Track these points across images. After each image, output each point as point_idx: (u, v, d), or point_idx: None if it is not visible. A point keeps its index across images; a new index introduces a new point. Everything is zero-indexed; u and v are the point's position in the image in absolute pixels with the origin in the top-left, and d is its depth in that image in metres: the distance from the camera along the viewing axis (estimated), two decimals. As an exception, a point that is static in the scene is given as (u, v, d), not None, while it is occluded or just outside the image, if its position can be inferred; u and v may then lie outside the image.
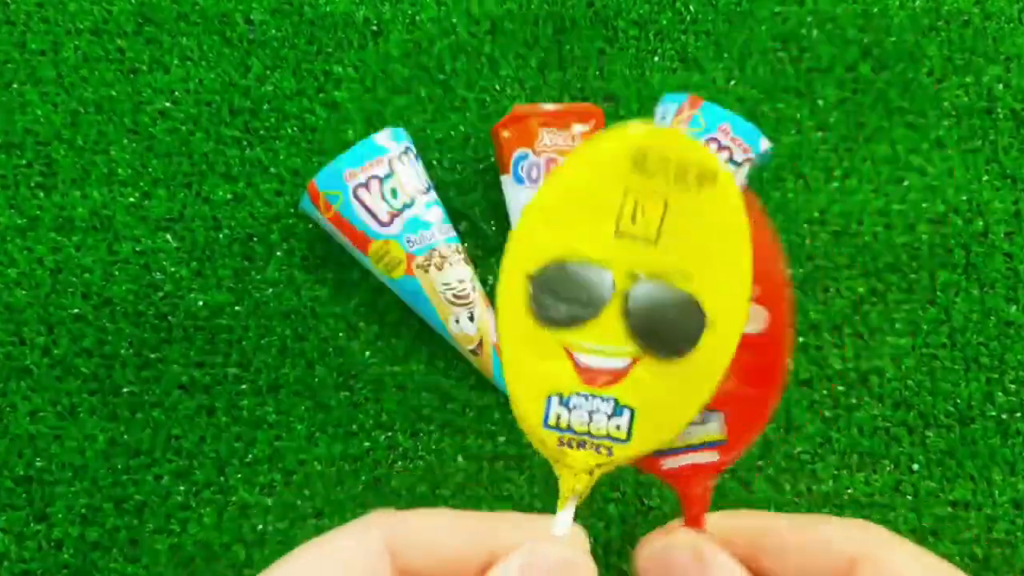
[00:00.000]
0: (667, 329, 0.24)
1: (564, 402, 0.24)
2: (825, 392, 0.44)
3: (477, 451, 0.43)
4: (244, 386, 0.44)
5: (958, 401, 0.44)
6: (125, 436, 0.43)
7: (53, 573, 0.42)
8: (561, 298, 0.24)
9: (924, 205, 0.45)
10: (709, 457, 0.25)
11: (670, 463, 0.25)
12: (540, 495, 0.43)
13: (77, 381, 0.44)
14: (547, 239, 0.24)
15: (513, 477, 0.43)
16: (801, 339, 0.44)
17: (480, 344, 0.43)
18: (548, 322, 0.24)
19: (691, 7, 0.48)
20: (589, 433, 0.24)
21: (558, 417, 0.24)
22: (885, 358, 0.44)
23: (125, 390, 0.44)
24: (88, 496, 0.43)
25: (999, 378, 0.44)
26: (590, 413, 0.24)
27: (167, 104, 0.47)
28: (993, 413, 0.43)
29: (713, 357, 0.23)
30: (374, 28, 0.48)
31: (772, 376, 0.24)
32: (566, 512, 0.25)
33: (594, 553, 0.42)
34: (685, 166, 0.23)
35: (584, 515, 0.42)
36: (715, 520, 0.26)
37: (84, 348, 0.44)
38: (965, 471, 0.43)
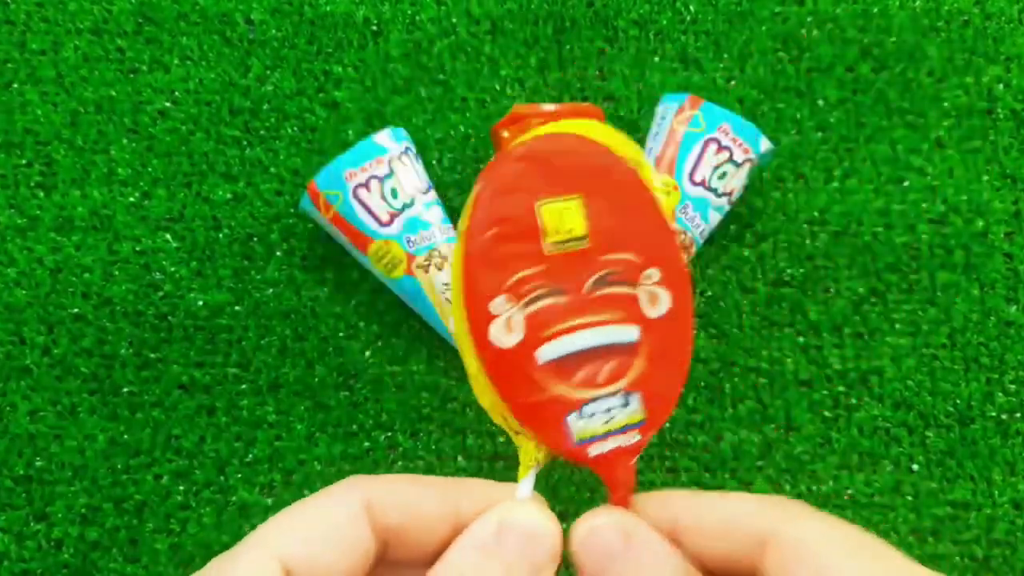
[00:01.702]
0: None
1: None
2: (825, 392, 0.44)
3: (477, 451, 0.43)
4: (244, 386, 0.44)
5: (958, 401, 0.44)
6: (125, 436, 0.43)
7: (53, 573, 0.42)
8: None
9: (924, 205, 0.45)
10: (631, 439, 0.26)
11: (596, 449, 0.26)
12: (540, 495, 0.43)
13: (77, 381, 0.44)
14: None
15: (513, 477, 0.43)
16: (801, 339, 0.44)
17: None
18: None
19: (691, 7, 0.48)
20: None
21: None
22: (885, 358, 0.44)
23: (125, 390, 0.44)
24: (88, 496, 0.43)
25: (999, 378, 0.44)
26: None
27: (167, 104, 0.47)
28: (993, 413, 0.43)
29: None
30: (374, 28, 0.48)
31: (680, 353, 0.26)
32: (528, 480, 0.27)
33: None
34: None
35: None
36: (641, 501, 0.27)
37: (84, 348, 0.44)
38: (965, 471, 0.43)
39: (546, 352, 0.26)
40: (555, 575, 0.26)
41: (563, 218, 0.26)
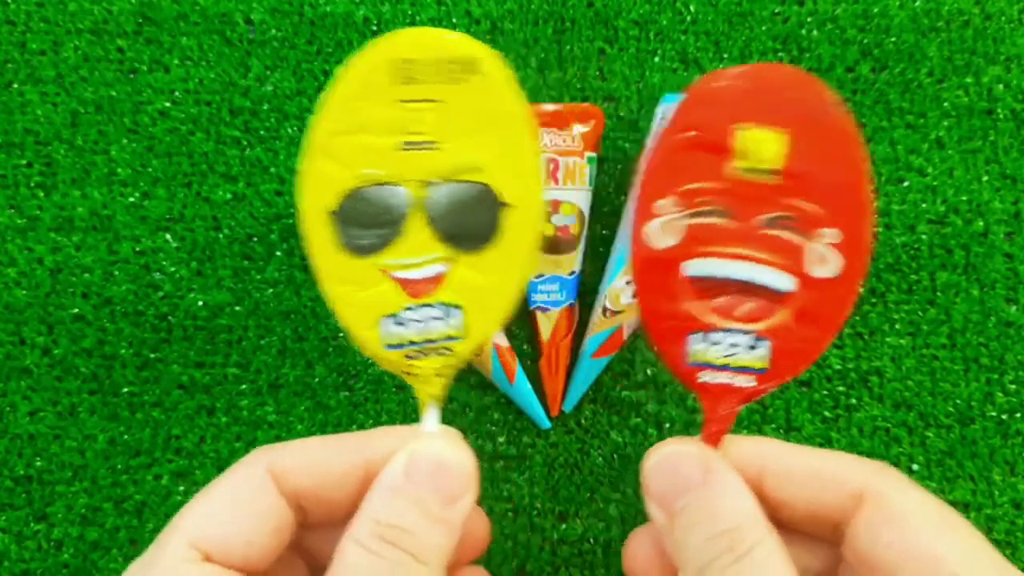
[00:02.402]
0: (469, 224, 0.25)
1: (397, 320, 0.25)
2: (825, 392, 0.44)
3: (477, 451, 0.43)
4: (244, 386, 0.44)
5: (958, 401, 0.44)
6: (125, 436, 0.43)
7: (53, 573, 0.42)
8: (364, 225, 0.25)
9: (924, 205, 0.45)
10: (746, 382, 0.25)
11: (707, 377, 0.26)
12: (540, 495, 0.43)
13: (77, 381, 0.44)
14: (335, 172, 0.25)
15: (513, 477, 0.43)
16: (801, 339, 0.44)
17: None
18: (360, 251, 0.25)
19: (691, 7, 0.48)
20: (428, 340, 0.25)
21: (395, 336, 0.25)
22: (885, 358, 0.44)
23: (125, 390, 0.44)
24: (88, 496, 0.43)
25: (999, 378, 0.44)
26: (423, 322, 0.25)
27: (167, 104, 0.47)
28: (993, 413, 0.43)
29: (519, 235, 0.25)
30: (374, 28, 0.48)
31: (830, 321, 0.25)
32: (430, 414, 0.26)
33: (594, 553, 0.42)
34: (447, 62, 0.24)
35: (584, 514, 0.42)
36: (730, 440, 0.26)
37: (84, 348, 0.44)
38: (965, 471, 0.43)
39: (693, 267, 0.25)
40: (473, 503, 0.25)
41: (762, 147, 0.25)
